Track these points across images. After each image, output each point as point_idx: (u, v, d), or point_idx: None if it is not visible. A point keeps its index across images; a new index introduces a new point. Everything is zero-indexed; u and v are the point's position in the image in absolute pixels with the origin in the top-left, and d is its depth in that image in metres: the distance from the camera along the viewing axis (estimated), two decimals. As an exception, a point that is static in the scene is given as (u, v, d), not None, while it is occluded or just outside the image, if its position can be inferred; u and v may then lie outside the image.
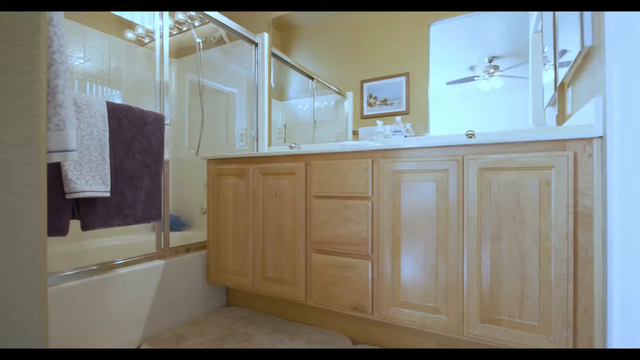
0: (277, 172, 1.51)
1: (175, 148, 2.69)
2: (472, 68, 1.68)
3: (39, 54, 0.49)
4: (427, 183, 1.16)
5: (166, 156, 1.62)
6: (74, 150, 0.73)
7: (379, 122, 1.78)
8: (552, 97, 1.47)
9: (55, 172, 1.14)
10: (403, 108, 1.88)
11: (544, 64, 1.51)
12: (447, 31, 1.74)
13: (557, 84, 1.43)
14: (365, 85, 1.99)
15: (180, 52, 2.77)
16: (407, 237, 1.20)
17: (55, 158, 0.70)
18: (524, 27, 1.56)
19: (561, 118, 1.45)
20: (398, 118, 1.76)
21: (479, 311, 1.07)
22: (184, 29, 2.63)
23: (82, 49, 2.13)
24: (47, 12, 0.67)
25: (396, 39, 1.88)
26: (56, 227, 1.14)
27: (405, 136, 1.78)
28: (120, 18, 2.39)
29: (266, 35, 2.32)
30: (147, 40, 2.57)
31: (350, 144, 1.44)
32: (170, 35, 2.65)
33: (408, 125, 1.84)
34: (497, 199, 1.05)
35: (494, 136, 1.55)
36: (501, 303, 1.05)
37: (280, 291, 1.50)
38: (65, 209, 1.17)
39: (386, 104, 1.93)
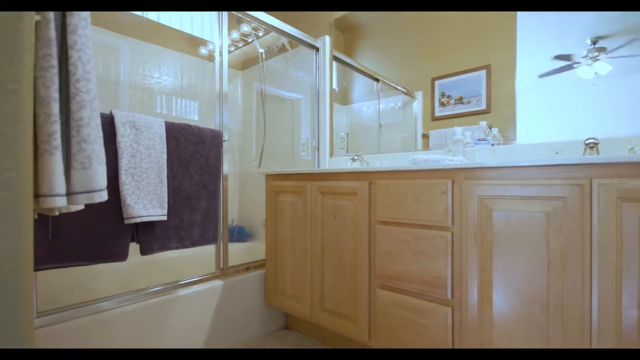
0: (337, 191, 1.34)
1: (241, 158, 2.72)
2: (570, 52, 1.30)
3: (22, 90, 0.40)
4: (532, 214, 0.87)
5: (232, 167, 1.58)
6: (102, 190, 0.65)
7: (457, 128, 1.49)
8: None
9: (115, 196, 1.14)
10: (482, 106, 1.56)
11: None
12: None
13: None
14: (437, 82, 1.72)
15: (246, 63, 2.80)
16: (503, 283, 0.92)
17: (81, 200, 0.63)
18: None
19: None
20: (483, 123, 1.44)
21: (620, 403, 0.75)
22: (250, 40, 2.63)
23: (157, 69, 2.25)
24: (65, 34, 0.59)
25: (474, 27, 1.56)
26: (115, 253, 1.14)
27: (492, 144, 1.46)
28: (191, 36, 2.49)
29: (327, 38, 2.17)
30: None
31: (422, 159, 1.20)
32: (237, 48, 2.68)
33: (495, 131, 1.50)
34: (651, 245, 0.71)
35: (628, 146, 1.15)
36: (658, 397, 0.71)
37: (341, 327, 1.32)
38: (124, 234, 1.17)
39: (462, 103, 1.63)
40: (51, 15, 0.58)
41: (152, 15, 2.31)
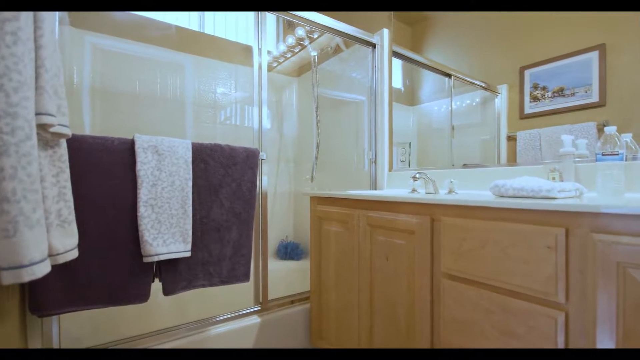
0: (389, 226, 1.04)
1: (297, 170, 2.56)
2: None
3: None
4: None
5: (286, 180, 1.38)
6: (34, 264, 0.49)
7: (565, 137, 1.05)
8: None
9: (134, 232, 1.04)
10: (594, 99, 1.12)
11: None
12: None
13: None
14: (528, 72, 1.30)
15: (302, 69, 2.65)
16: (671, 419, 0.52)
17: (7, 278, 0.47)
18: None
19: None
20: (610, 128, 0.99)
21: None
22: (306, 43, 2.46)
23: (221, 82, 2.22)
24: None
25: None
26: (135, 294, 1.03)
27: (624, 159, 0.99)
28: (246, 46, 2.42)
29: (386, 32, 1.86)
30: (275, 65, 2.56)
31: (511, 187, 0.83)
32: (293, 54, 2.54)
33: (627, 137, 1.03)
34: None
35: None
36: None
37: (395, 402, 1.02)
38: (144, 273, 1.05)
39: (562, 95, 1.20)
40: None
41: (208, 29, 2.29)
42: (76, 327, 1.27)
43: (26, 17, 0.52)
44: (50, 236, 0.69)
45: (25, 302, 0.93)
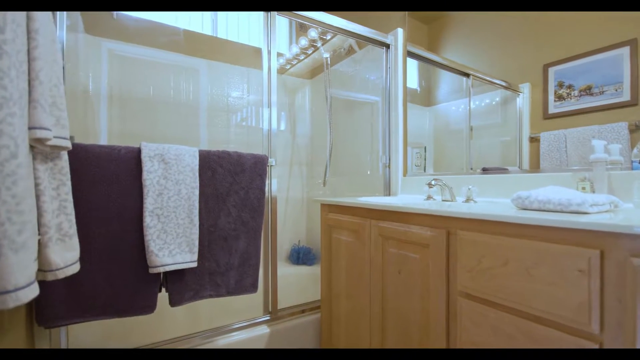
0: (402, 238, 0.98)
1: (309, 174, 2.53)
2: None
3: None
4: None
5: (299, 184, 1.35)
6: (19, 289, 0.46)
7: (597, 142, 0.96)
8: None
9: (140, 242, 1.02)
10: (625, 97, 1.04)
11: None
12: None
13: None
14: (552, 70, 1.22)
15: (315, 71, 2.61)
16: None
17: (-11, 306, 0.45)
18: None
19: None
20: (649, 132, 0.89)
21: None
22: (319, 45, 2.43)
23: (235, 86, 2.22)
24: None
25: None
26: (141, 305, 1.02)
27: (666, 166, 0.89)
28: (258, 49, 2.40)
29: (400, 31, 1.79)
30: (287, 67, 2.54)
31: (536, 200, 0.75)
32: (306, 56, 2.51)
33: (669, 140, 0.93)
34: None
35: None
36: None
37: None
38: (151, 284, 1.04)
39: (590, 94, 1.12)
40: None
41: (221, 33, 2.29)
42: (86, 337, 1.27)
43: (15, 28, 0.51)
44: (50, 251, 0.68)
45: (32, 313, 0.93)
